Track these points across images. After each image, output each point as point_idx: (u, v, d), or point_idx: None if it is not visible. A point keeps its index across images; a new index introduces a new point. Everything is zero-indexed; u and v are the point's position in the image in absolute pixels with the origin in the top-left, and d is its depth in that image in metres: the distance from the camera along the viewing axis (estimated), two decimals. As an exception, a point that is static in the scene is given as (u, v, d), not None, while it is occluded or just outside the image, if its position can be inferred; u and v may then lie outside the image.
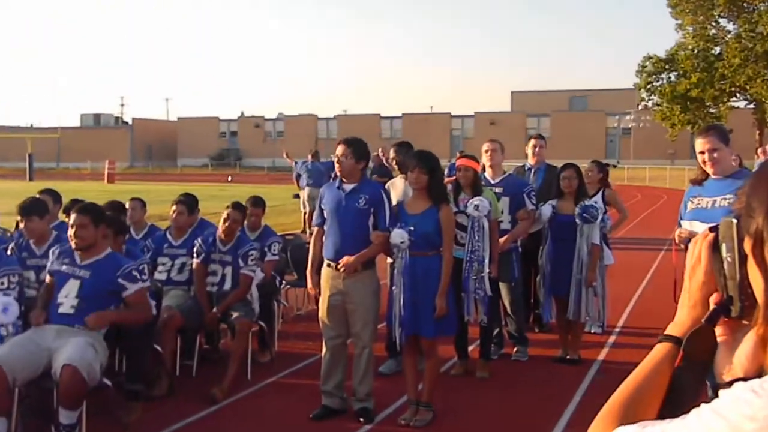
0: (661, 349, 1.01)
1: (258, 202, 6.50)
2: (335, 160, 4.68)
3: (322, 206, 4.78)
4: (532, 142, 6.93)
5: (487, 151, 6.10)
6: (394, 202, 4.87)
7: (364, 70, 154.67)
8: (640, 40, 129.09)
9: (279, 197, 23.35)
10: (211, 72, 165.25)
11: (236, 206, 5.78)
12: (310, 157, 15.24)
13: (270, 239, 6.40)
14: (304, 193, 14.83)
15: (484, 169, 6.09)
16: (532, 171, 6.90)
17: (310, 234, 16.93)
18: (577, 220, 5.83)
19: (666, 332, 1.03)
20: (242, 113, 74.40)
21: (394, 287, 4.65)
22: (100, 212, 4.57)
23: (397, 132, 64.01)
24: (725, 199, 3.79)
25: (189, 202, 6.02)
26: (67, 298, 4.33)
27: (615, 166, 8.38)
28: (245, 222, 6.07)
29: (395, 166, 5.81)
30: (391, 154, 5.94)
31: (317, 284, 4.80)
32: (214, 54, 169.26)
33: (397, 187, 5.60)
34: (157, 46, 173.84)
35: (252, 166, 64.59)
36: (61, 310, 4.33)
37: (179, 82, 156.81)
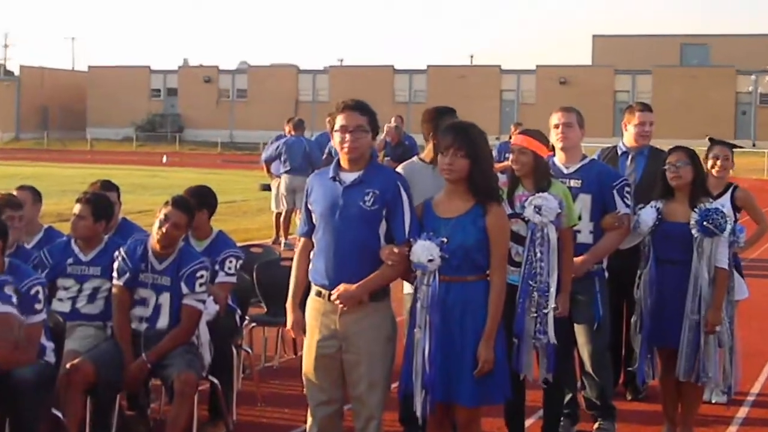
0: None
1: (202, 195, 6.47)
2: (338, 136, 4.71)
3: (310, 206, 4.81)
4: (641, 116, 6.88)
5: (557, 126, 6.08)
6: (417, 200, 4.85)
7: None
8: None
9: (239, 189, 23.42)
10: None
11: (178, 203, 5.77)
12: (288, 128, 15.15)
13: (225, 252, 6.41)
14: (280, 184, 14.86)
15: (553, 152, 6.06)
16: (629, 156, 6.89)
17: (287, 245, 16.68)
18: (693, 232, 5.81)
19: None
20: (185, 61, 74.56)
21: (416, 329, 4.66)
22: None
23: (419, 94, 64.13)
24: None
25: (97, 205, 5.97)
26: None
27: (740, 149, 8.10)
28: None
29: (433, 143, 5.67)
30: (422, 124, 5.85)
31: (300, 323, 4.82)
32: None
33: (421, 177, 5.53)
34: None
35: (199, 140, 64.82)
36: None
37: (91, 15, 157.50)
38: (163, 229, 5.68)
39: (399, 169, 5.60)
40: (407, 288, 5.20)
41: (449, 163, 4.65)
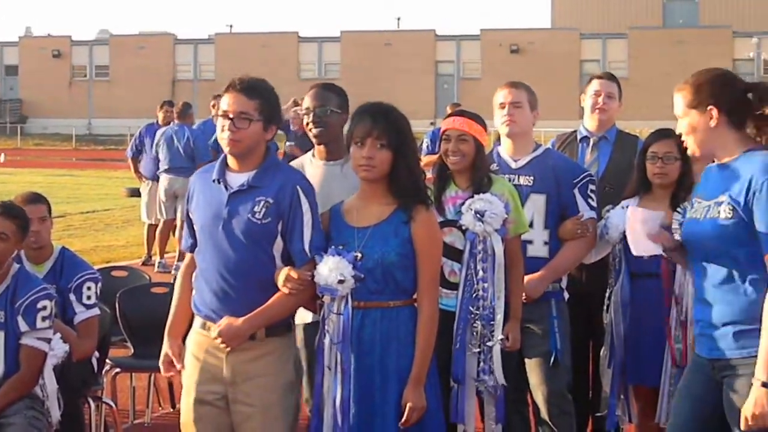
0: None
1: (35, 201, 6.39)
2: (218, 124, 4.79)
3: (191, 215, 4.90)
4: (594, 85, 6.90)
5: (503, 105, 6.08)
6: (323, 206, 4.91)
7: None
8: None
9: (100, 195, 23.18)
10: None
11: (5, 209, 5.72)
12: (162, 115, 15.34)
13: (78, 276, 6.37)
14: (158, 188, 14.86)
15: (499, 141, 6.11)
16: (590, 143, 6.91)
17: (162, 266, 16.65)
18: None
19: None
20: (27, 31, 73.47)
21: (324, 369, 4.70)
22: None
23: (331, 68, 63.88)
24: None
25: None
26: None
27: None
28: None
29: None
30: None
31: (176, 355, 4.88)
32: None
33: (319, 180, 5.47)
34: None
35: (47, 133, 63.57)
36: None
37: None
38: (-11, 250, 5.61)
39: (298, 162, 5.68)
40: (300, 317, 5.16)
41: (368, 156, 4.67)
